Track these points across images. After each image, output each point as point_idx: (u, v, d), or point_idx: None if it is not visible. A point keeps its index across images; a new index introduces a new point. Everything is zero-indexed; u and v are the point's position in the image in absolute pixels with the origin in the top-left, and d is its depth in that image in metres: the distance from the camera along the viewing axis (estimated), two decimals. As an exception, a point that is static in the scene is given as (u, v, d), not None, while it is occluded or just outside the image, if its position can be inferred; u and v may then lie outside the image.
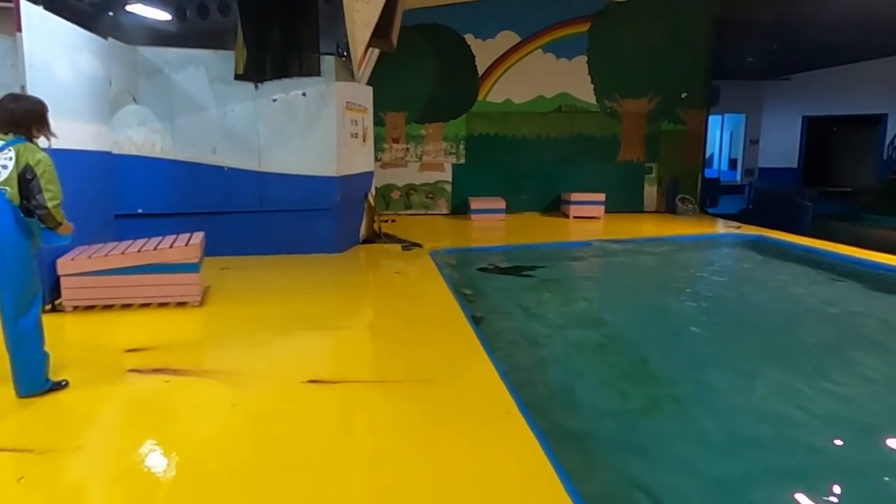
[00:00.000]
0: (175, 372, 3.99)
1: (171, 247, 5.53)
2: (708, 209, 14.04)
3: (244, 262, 7.74)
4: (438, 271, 7.27)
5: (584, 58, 13.05)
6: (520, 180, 13.22)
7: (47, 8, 5.50)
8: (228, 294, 6.09)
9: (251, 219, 8.12)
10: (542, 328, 5.46)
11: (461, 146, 13.14)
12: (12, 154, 3.52)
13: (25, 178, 3.52)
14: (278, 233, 8.19)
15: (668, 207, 13.53)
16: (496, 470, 2.85)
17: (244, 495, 2.64)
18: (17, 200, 3.52)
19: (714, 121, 18.48)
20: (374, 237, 9.58)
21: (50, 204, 3.65)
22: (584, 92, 13.21)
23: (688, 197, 13.47)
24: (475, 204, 12.36)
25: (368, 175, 9.73)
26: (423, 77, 12.70)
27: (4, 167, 3.48)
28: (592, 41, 13.02)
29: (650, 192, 13.70)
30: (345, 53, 8.84)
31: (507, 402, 3.55)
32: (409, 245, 9.13)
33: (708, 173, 14.19)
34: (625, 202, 13.32)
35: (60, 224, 3.79)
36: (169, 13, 10.59)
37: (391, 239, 9.59)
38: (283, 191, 8.13)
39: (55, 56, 5.54)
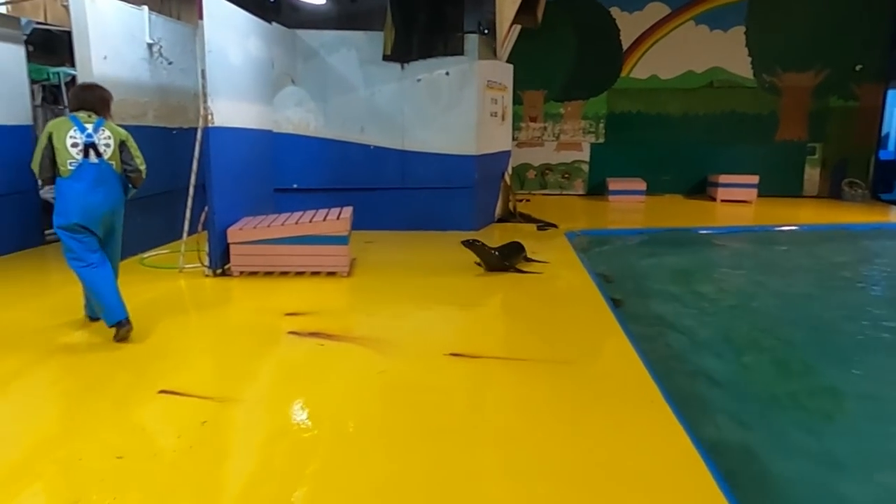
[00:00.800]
0: (328, 336, 4.28)
1: (324, 220, 5.90)
2: (881, 195, 12.58)
3: (386, 236, 8.08)
4: (574, 252, 7.17)
5: (742, 28, 12.11)
6: (662, 161, 12.61)
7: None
8: (373, 266, 6.40)
9: (393, 195, 8.43)
10: (687, 316, 5.23)
11: (601, 125, 12.76)
12: (108, 132, 4.23)
13: (122, 151, 4.31)
14: (418, 209, 8.45)
15: (833, 192, 12.32)
16: (640, 460, 2.79)
17: (383, 456, 2.79)
18: (119, 170, 4.33)
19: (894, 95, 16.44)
20: (508, 216, 9.60)
21: (142, 167, 4.44)
22: (740, 65, 12.28)
23: (857, 181, 12.17)
24: (614, 185, 11.99)
25: (506, 154, 9.73)
26: (563, 54, 12.43)
27: (108, 145, 4.21)
28: (752, 10, 12.03)
29: (812, 174, 12.54)
30: (485, 31, 8.87)
31: (650, 390, 3.45)
32: (544, 225, 9.06)
33: (883, 155, 12.69)
34: (781, 185, 12.29)
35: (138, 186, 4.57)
36: (323, -3, 11.10)
37: (526, 218, 9.56)
38: (423, 169, 8.37)
39: (229, 41, 6.04)
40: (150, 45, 6.79)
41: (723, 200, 11.62)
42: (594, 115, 12.74)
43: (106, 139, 4.21)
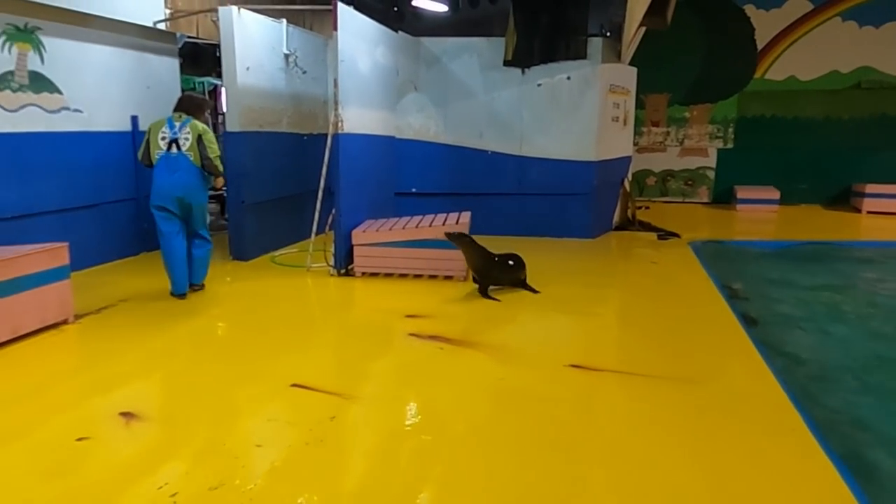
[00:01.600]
0: (448, 341, 4.34)
1: (443, 224, 5.99)
2: None
3: (501, 242, 8.03)
4: (700, 263, 6.82)
5: (897, 24, 11.01)
6: (799, 168, 11.72)
7: (355, 7, 6.25)
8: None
9: (509, 201, 8.43)
10: (830, 339, 4.80)
11: (730, 129, 12.06)
12: (189, 129, 5.11)
13: (199, 143, 5.08)
14: (534, 216, 8.39)
15: None
16: (779, 495, 2.59)
17: (500, 464, 2.78)
18: (198, 162, 5.11)
19: None
20: (627, 224, 9.30)
21: (212, 155, 5.13)
22: (893, 64, 11.16)
23: None
24: (743, 193, 11.29)
25: (626, 160, 9.44)
26: (691, 55, 11.87)
27: (187, 139, 5.08)
28: (909, 3, 10.90)
29: (977, 184, 11.15)
30: (608, 33, 8.65)
31: (790, 417, 3.21)
32: (665, 234, 8.69)
33: None
34: (940, 197, 11.02)
35: (221, 174, 5.36)
36: (446, 4, 11.30)
37: (646, 227, 9.21)
38: (541, 174, 8.29)
39: (359, 51, 6.30)
40: (286, 56, 7.21)
41: (869, 212, 10.61)
42: (723, 118, 12.07)
43: (186, 134, 5.09)
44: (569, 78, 8.09)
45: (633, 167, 10.56)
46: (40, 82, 5.63)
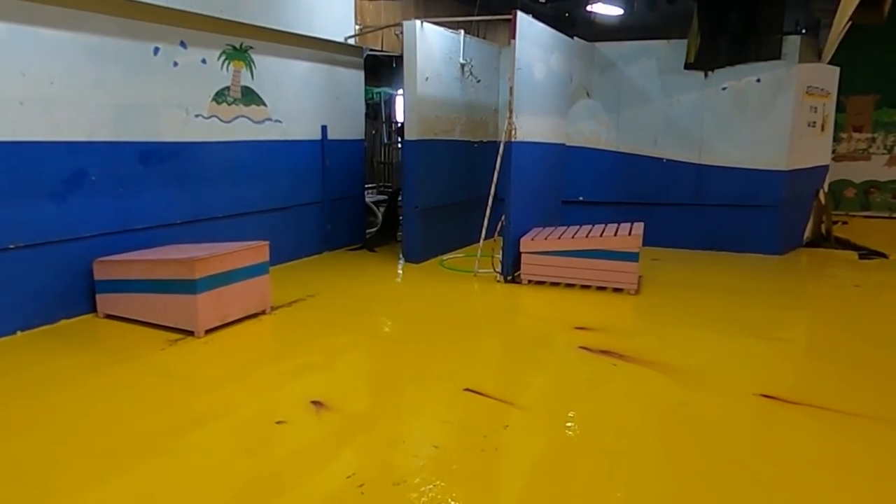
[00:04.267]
0: (620, 357, 4.18)
1: (615, 235, 5.80)
2: None
3: (675, 254, 7.67)
4: (916, 290, 5.95)
5: None
6: None
7: (533, 16, 6.27)
8: (661, 286, 6.11)
9: (685, 212, 7.97)
10: None
11: (953, 135, 10.41)
12: None
13: None
14: (712, 228, 7.86)
15: None
16: None
17: (670, 495, 2.60)
18: None
19: None
20: (821, 240, 8.38)
21: None
22: None
23: None
24: (969, 209, 9.70)
25: (822, 169, 8.51)
26: (906, 50, 10.41)
27: None
28: None
29: None
30: (803, 30, 7.86)
31: None
32: (868, 253, 7.71)
33: None
34: None
35: None
36: (621, 7, 10.99)
37: (844, 244, 8.25)
38: (721, 184, 7.75)
39: (535, 58, 6.30)
40: (462, 66, 7.42)
41: None
42: (945, 123, 10.45)
43: None
44: (758, 80, 7.47)
45: (830, 177, 9.50)
46: (250, 96, 6.30)
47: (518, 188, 6.16)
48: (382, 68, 10.39)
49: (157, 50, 5.29)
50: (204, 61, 5.75)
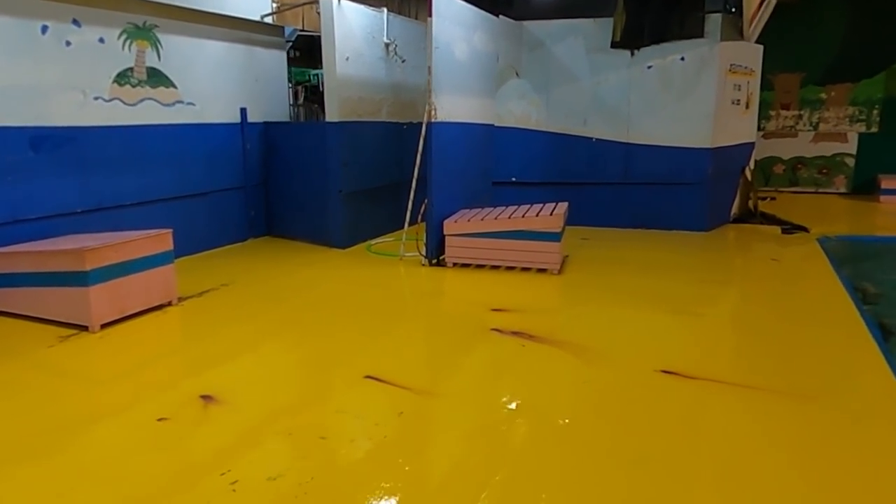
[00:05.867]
0: (531, 337, 4.13)
1: (536, 215, 5.75)
2: None
3: (604, 233, 7.69)
4: (829, 262, 6.09)
5: None
6: (960, 154, 10.22)
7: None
8: (586, 265, 6.11)
9: (614, 190, 8.00)
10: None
11: (874, 111, 10.74)
12: None
13: None
14: (641, 206, 7.91)
15: None
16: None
17: (575, 474, 2.56)
18: None
19: None
20: (747, 216, 8.55)
21: None
22: None
23: None
24: (888, 182, 10.03)
25: (748, 147, 8.64)
26: (830, 29, 10.65)
27: None
28: None
29: None
30: (732, 9, 7.93)
31: (926, 449, 2.73)
32: (791, 228, 7.89)
33: None
34: None
35: None
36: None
37: (769, 219, 8.43)
38: (648, 163, 7.79)
39: (456, 37, 6.16)
40: (386, 45, 7.23)
41: None
42: (866, 99, 10.76)
43: None
44: (683, 59, 7.50)
45: (758, 154, 9.68)
46: (157, 77, 5.99)
47: (440, 170, 6.05)
48: (319, 49, 10.07)
49: (45, 28, 4.96)
50: (102, 40, 5.42)
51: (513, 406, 3.22)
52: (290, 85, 11.09)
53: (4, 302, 4.58)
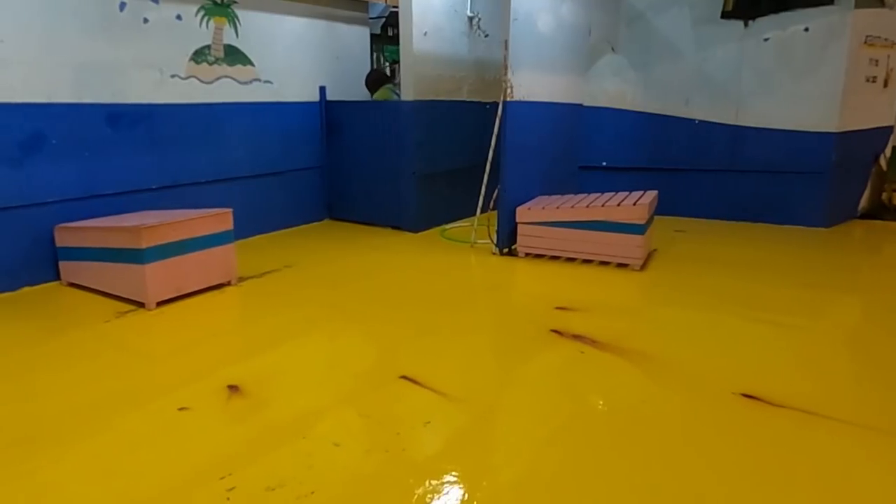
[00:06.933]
0: (593, 343, 3.69)
1: (618, 205, 5.22)
2: None
3: (703, 225, 6.98)
4: (979, 271, 5.11)
5: None
6: None
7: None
8: (674, 261, 5.50)
9: (717, 178, 7.22)
10: None
11: None
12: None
13: None
14: (749, 196, 7.09)
15: None
16: None
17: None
18: None
19: None
20: (881, 212, 7.46)
21: None
22: None
23: None
24: None
25: (885, 131, 7.50)
26: None
27: None
28: None
29: None
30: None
31: None
32: (934, 227, 6.78)
33: None
34: None
35: None
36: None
37: (907, 216, 7.31)
38: (760, 148, 6.93)
39: (539, 7, 5.67)
40: (469, 19, 6.86)
41: None
42: None
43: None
44: (807, 29, 6.57)
45: (896, 140, 8.43)
46: (235, 55, 5.98)
47: (515, 153, 5.63)
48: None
49: (123, 5, 5.02)
50: (179, 17, 5.45)
51: (551, 427, 2.83)
52: (387, 63, 11.04)
53: (76, 275, 4.72)
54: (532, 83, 5.72)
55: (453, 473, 2.43)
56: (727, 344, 3.77)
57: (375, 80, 7.30)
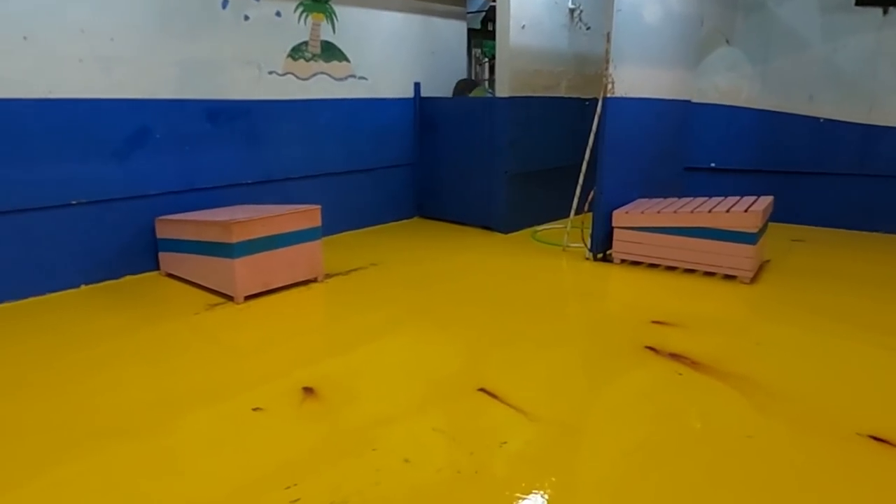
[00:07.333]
0: (693, 364, 3.35)
1: (727, 211, 4.77)
2: None
3: (825, 235, 6.33)
4: None
5: None
6: None
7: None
8: (790, 274, 4.98)
9: (844, 183, 6.51)
10: None
11: None
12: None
13: None
14: (882, 204, 6.37)
15: None
16: None
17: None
18: None
19: None
20: None
21: None
22: None
23: None
24: None
25: None
26: None
27: None
28: None
29: None
30: None
31: None
32: None
33: None
34: None
35: None
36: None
37: None
38: (896, 150, 6.19)
39: (645, -2, 5.31)
40: (571, 11, 6.55)
41: None
42: None
43: None
44: (961, 15, 5.76)
45: None
46: (331, 51, 6.01)
47: (615, 152, 5.29)
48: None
49: (225, 3, 5.14)
50: (278, 14, 5.53)
51: (640, 459, 2.55)
52: (486, 59, 10.88)
53: (173, 265, 4.89)
54: (635, 78, 5.36)
55: (528, 503, 2.23)
56: (851, 374, 3.31)
57: (464, 88, 7.15)
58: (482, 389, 3.09)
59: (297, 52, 5.72)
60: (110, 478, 2.42)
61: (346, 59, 6.15)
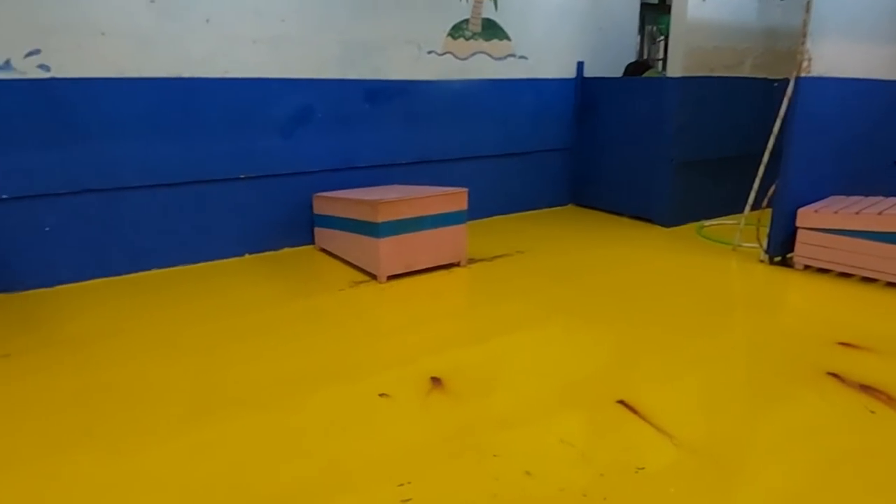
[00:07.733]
0: (890, 401, 2.77)
1: (950, 216, 3.92)
2: None
3: None
4: None
5: None
6: None
7: None
8: None
9: None
10: None
11: None
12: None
13: None
14: None
15: None
16: None
17: None
18: None
19: None
20: None
21: None
22: None
23: None
24: None
25: None
26: None
27: None
28: None
29: None
30: None
31: None
32: None
33: None
34: None
35: None
36: None
37: None
38: None
39: (858, -42, 4.48)
40: (764, -21, 5.78)
41: None
42: None
43: None
44: None
45: None
46: (492, 29, 5.84)
47: (805, 141, 4.58)
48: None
49: (389, -18, 5.16)
50: (440, -8, 5.46)
51: (816, 510, 2.12)
52: (662, 37, 10.13)
53: (326, 241, 5.07)
54: (839, 54, 4.57)
55: (662, 548, 1.93)
56: None
57: (634, 71, 6.61)
58: (621, 402, 2.79)
59: (456, 31, 5.62)
60: (240, 451, 2.49)
61: (507, 38, 5.94)
